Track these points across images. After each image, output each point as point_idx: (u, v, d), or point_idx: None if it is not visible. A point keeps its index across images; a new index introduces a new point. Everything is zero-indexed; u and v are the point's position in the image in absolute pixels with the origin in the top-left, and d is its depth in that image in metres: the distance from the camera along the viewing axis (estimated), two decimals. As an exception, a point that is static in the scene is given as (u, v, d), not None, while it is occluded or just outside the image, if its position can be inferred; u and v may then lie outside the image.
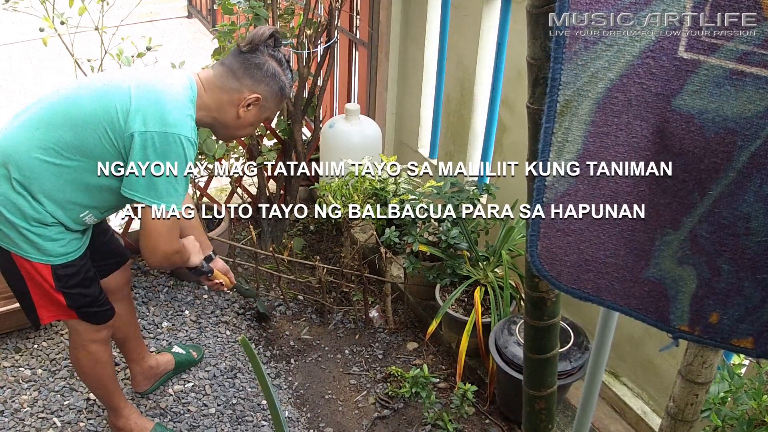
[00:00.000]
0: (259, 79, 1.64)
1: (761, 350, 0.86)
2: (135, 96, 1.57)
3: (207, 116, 1.68)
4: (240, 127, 1.72)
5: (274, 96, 1.68)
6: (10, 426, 2.17)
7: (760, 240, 0.80)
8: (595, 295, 0.94)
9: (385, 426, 2.24)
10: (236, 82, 1.64)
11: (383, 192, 2.51)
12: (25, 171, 1.59)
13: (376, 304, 2.71)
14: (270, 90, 1.66)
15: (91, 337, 1.89)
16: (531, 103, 1.01)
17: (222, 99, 1.66)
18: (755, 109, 0.76)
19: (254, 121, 1.71)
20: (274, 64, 1.65)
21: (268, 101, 1.68)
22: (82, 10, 2.49)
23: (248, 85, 1.64)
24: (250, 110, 1.67)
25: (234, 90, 1.64)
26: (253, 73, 1.64)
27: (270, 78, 1.65)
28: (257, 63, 1.63)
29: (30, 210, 1.61)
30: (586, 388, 1.31)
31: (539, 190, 0.92)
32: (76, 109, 1.59)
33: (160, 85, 1.60)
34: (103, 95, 1.59)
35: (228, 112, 1.67)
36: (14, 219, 1.62)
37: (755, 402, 1.37)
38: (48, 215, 1.63)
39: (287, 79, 1.70)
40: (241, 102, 1.65)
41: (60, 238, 1.68)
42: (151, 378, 2.28)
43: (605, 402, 2.25)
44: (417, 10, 2.89)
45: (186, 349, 2.42)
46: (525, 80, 1.02)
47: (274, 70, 1.65)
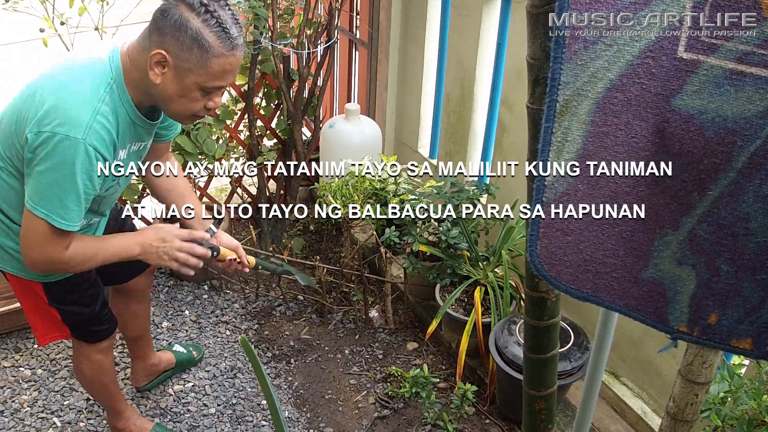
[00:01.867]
0: (163, 31, 1.31)
1: (760, 351, 0.86)
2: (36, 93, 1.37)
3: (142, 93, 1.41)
4: (168, 98, 1.38)
5: (187, 50, 1.30)
6: (10, 426, 2.17)
7: (760, 240, 0.80)
8: (594, 295, 0.94)
9: (385, 426, 2.24)
10: (147, 39, 1.34)
11: (383, 192, 2.51)
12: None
13: (376, 304, 2.71)
14: (178, 43, 1.30)
15: (94, 349, 1.85)
16: (531, 103, 1.01)
17: (140, 64, 1.36)
18: (755, 109, 0.76)
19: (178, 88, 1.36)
20: (183, 9, 1.30)
21: (182, 59, 1.31)
22: (82, 10, 2.49)
23: (155, 41, 1.32)
24: (165, 74, 1.34)
25: (144, 50, 1.35)
26: (158, 24, 1.31)
27: (175, 27, 1.29)
28: (162, 9, 1.31)
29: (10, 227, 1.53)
30: (586, 388, 1.31)
31: (539, 190, 0.92)
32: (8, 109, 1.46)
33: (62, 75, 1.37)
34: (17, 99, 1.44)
35: (147, 79, 1.36)
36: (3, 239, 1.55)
37: (755, 402, 1.36)
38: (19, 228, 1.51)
39: (209, 28, 1.30)
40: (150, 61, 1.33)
41: None
42: (151, 375, 2.28)
43: (605, 402, 2.25)
44: (417, 10, 2.89)
45: (187, 348, 2.42)
46: (525, 80, 1.02)
47: (182, 16, 1.29)
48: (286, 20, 2.94)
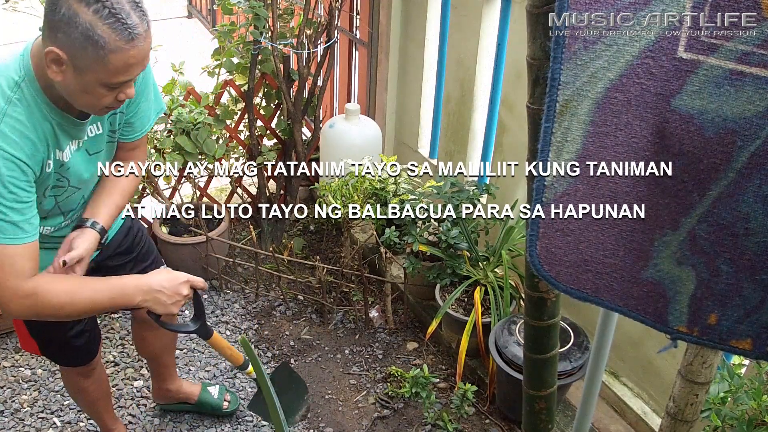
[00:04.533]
0: (54, 27, 1.15)
1: (760, 351, 0.86)
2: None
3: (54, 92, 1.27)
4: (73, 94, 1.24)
5: (80, 48, 1.15)
6: (10, 426, 2.17)
7: (759, 240, 0.80)
8: (593, 295, 0.94)
9: (385, 426, 2.24)
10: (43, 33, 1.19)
11: (383, 192, 2.51)
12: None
13: (376, 304, 2.71)
14: (69, 40, 1.14)
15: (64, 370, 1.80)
16: (531, 103, 1.01)
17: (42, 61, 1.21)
18: (755, 109, 0.76)
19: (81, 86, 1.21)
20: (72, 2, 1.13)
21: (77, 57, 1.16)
22: (82, 10, 2.49)
23: (49, 37, 1.17)
24: (64, 71, 1.19)
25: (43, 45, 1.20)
26: (48, 19, 1.16)
27: (65, 23, 1.13)
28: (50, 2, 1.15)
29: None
30: (586, 388, 1.31)
31: (539, 190, 0.92)
32: None
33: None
34: None
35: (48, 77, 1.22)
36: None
37: (755, 402, 1.36)
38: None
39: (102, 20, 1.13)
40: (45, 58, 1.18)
41: None
42: (166, 399, 2.22)
43: (605, 402, 2.25)
44: (417, 10, 2.89)
45: (221, 395, 2.24)
46: (525, 80, 1.02)
47: (68, 9, 1.12)
48: (286, 20, 2.94)
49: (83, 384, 1.84)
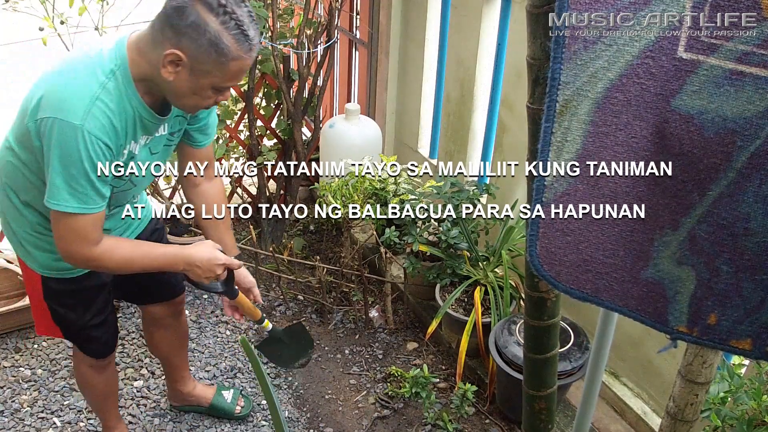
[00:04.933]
0: (179, 30, 1.24)
1: (760, 352, 0.86)
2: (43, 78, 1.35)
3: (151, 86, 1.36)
4: (180, 95, 1.35)
5: (204, 53, 1.26)
6: (10, 426, 2.17)
7: (759, 240, 0.80)
8: (593, 295, 0.94)
9: (385, 426, 2.24)
10: (160, 33, 1.27)
11: (383, 192, 2.51)
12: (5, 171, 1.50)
13: (376, 304, 2.71)
14: (195, 45, 1.25)
15: (80, 360, 1.81)
16: (531, 103, 1.01)
17: (150, 59, 1.31)
18: (755, 109, 0.76)
19: (192, 87, 1.32)
20: (201, 9, 1.23)
21: (198, 61, 1.27)
22: (82, 10, 2.49)
23: (169, 39, 1.26)
24: (179, 72, 1.29)
25: (157, 45, 1.28)
26: (173, 22, 1.25)
27: (192, 28, 1.23)
28: (177, 7, 1.24)
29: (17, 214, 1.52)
30: (586, 388, 1.31)
31: (539, 190, 0.92)
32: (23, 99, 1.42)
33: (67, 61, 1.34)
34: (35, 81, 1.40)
35: (158, 75, 1.31)
36: (9, 221, 1.54)
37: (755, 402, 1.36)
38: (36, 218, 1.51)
39: (228, 31, 1.25)
40: (162, 60, 1.28)
41: (54, 250, 1.48)
42: (180, 401, 2.22)
43: (605, 402, 2.25)
44: (417, 10, 2.89)
45: (235, 399, 2.24)
46: (525, 80, 1.02)
47: (198, 17, 1.23)
48: (286, 20, 2.94)
49: (94, 380, 1.86)
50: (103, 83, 1.31)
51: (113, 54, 1.33)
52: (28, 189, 1.48)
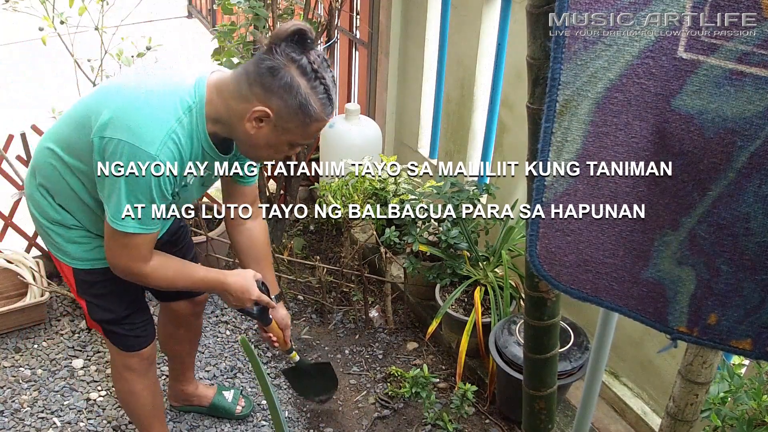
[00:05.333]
0: (270, 89, 1.31)
1: (760, 352, 0.85)
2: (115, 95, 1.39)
3: (222, 128, 1.41)
4: (256, 147, 1.41)
5: (292, 114, 1.32)
6: (10, 426, 2.17)
7: (759, 240, 0.80)
8: (593, 295, 0.94)
9: (385, 426, 2.24)
10: (247, 88, 1.33)
11: (383, 192, 2.51)
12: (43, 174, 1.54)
13: (376, 304, 2.71)
14: (284, 105, 1.31)
15: (122, 363, 1.77)
16: (531, 103, 1.01)
17: (232, 108, 1.37)
18: (755, 109, 0.76)
19: (271, 141, 1.38)
20: (294, 71, 1.29)
21: (284, 119, 1.33)
22: (82, 10, 2.49)
23: (258, 95, 1.32)
24: (262, 128, 1.35)
25: (243, 98, 1.34)
26: (264, 81, 1.30)
27: (284, 89, 1.30)
28: (271, 67, 1.29)
29: (50, 210, 1.55)
30: (586, 388, 1.31)
31: (539, 190, 0.92)
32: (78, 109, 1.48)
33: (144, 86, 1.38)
34: (96, 94, 1.46)
35: (238, 125, 1.37)
36: (39, 217, 1.58)
37: (755, 402, 1.36)
38: (69, 217, 1.55)
39: (316, 96, 1.32)
40: (246, 115, 1.34)
41: (84, 241, 1.57)
42: (182, 400, 2.22)
43: (605, 402, 2.25)
44: (417, 10, 2.89)
45: (235, 399, 2.24)
46: (525, 80, 1.02)
47: (292, 79, 1.29)
48: (286, 20, 2.94)
49: (137, 386, 1.81)
50: (179, 118, 1.35)
51: (193, 90, 1.37)
52: (67, 194, 1.52)
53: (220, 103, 1.38)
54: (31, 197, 1.58)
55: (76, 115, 1.47)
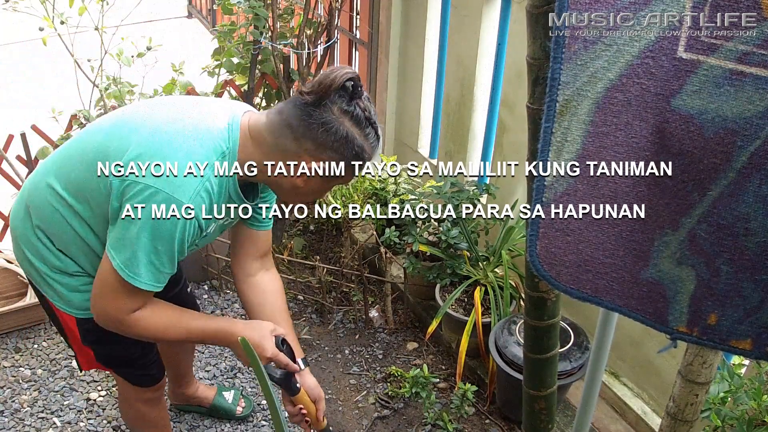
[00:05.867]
0: (324, 145, 1.22)
1: (760, 352, 0.86)
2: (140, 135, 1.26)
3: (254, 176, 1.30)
4: (301, 195, 1.34)
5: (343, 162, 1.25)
6: (10, 426, 2.17)
7: (759, 240, 0.80)
8: (593, 295, 0.94)
9: (385, 426, 2.24)
10: (294, 142, 1.24)
11: (383, 192, 2.51)
12: (41, 215, 1.38)
13: (376, 304, 2.71)
14: (338, 155, 1.24)
15: (135, 396, 1.68)
16: (531, 103, 1.01)
17: (274, 158, 1.27)
18: (755, 109, 0.76)
19: (320, 189, 1.32)
20: (348, 123, 1.22)
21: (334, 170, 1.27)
22: (82, 10, 2.49)
23: (309, 151, 1.23)
24: (312, 179, 1.27)
25: (290, 152, 1.25)
26: (317, 137, 1.22)
27: (340, 143, 1.22)
28: (323, 122, 1.21)
29: (50, 256, 1.40)
30: (586, 388, 1.31)
31: (539, 190, 0.92)
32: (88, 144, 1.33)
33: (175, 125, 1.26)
34: (113, 129, 1.31)
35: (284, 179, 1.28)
36: (36, 263, 1.41)
37: (755, 402, 1.36)
38: (71, 263, 1.40)
39: (369, 141, 1.25)
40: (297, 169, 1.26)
41: (86, 289, 1.40)
42: (182, 400, 2.20)
43: (605, 402, 2.25)
44: (417, 10, 2.89)
45: (236, 400, 2.22)
46: (525, 80, 1.02)
47: (347, 132, 1.22)
48: (286, 20, 2.94)
49: (151, 415, 1.73)
50: (213, 165, 1.24)
51: (226, 135, 1.27)
52: (69, 239, 1.38)
53: (255, 151, 1.28)
54: (26, 240, 1.41)
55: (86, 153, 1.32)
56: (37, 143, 2.51)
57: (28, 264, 1.44)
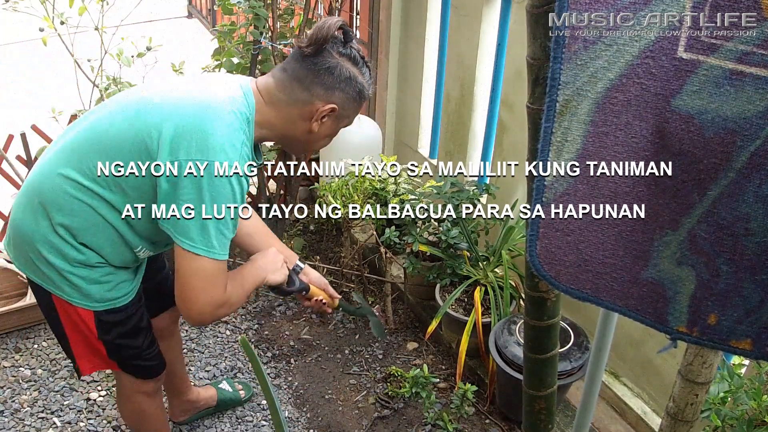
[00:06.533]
0: (332, 86, 1.39)
1: (760, 352, 0.85)
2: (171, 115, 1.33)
3: (271, 134, 1.45)
4: (314, 141, 1.48)
5: (352, 101, 1.43)
6: (10, 426, 2.17)
7: (759, 241, 0.80)
8: (593, 295, 0.94)
9: (385, 426, 2.24)
10: (305, 92, 1.39)
11: (383, 192, 2.51)
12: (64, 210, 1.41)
13: (376, 304, 2.71)
14: (346, 96, 1.41)
15: (136, 389, 1.74)
16: (531, 103, 1.01)
17: (290, 113, 1.41)
18: (755, 109, 0.76)
19: (331, 131, 1.47)
20: (348, 65, 1.39)
21: (346, 109, 1.43)
22: (82, 10, 2.49)
23: (320, 95, 1.39)
24: (325, 122, 1.43)
25: (304, 102, 1.40)
26: (324, 80, 1.38)
27: (345, 83, 1.39)
28: (328, 67, 1.37)
29: (71, 251, 1.44)
30: (586, 388, 1.31)
31: (539, 190, 0.92)
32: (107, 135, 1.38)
33: (201, 101, 1.35)
34: (135, 117, 1.37)
35: (299, 126, 1.43)
36: (55, 260, 1.44)
37: (755, 402, 1.36)
38: (93, 254, 1.45)
39: (365, 79, 1.43)
40: (313, 115, 1.41)
41: (107, 280, 1.49)
42: (188, 411, 2.19)
43: (605, 402, 2.25)
44: (417, 10, 2.89)
45: (233, 387, 2.28)
46: (525, 80, 1.02)
47: (349, 72, 1.39)
48: (286, 20, 2.94)
49: (151, 407, 1.80)
50: (245, 130, 1.37)
51: (245, 101, 1.39)
52: (96, 230, 1.43)
53: (271, 111, 1.42)
54: (43, 240, 1.43)
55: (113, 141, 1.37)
56: (37, 143, 2.51)
57: (44, 264, 1.46)
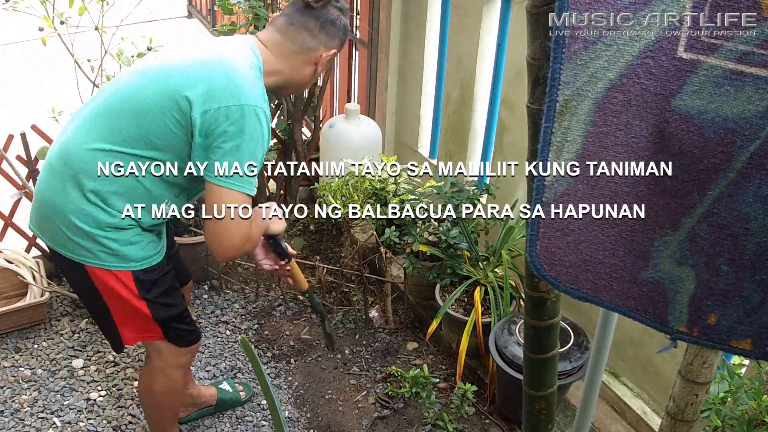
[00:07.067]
0: (334, 35, 1.64)
1: (760, 352, 0.85)
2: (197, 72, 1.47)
3: (278, 80, 1.64)
4: (309, 82, 1.72)
5: (341, 45, 1.70)
6: (10, 426, 2.17)
7: (759, 240, 0.80)
8: (593, 295, 0.94)
9: (385, 426, 2.24)
10: (314, 40, 1.62)
11: (383, 192, 2.51)
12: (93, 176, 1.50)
13: (376, 304, 2.71)
14: (340, 42, 1.68)
15: (174, 362, 1.79)
16: (531, 102, 1.01)
17: (296, 60, 1.63)
18: (755, 109, 0.76)
19: (322, 72, 1.72)
20: (342, 17, 1.66)
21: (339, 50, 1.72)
22: (82, 10, 2.49)
23: (325, 42, 1.63)
24: (324, 64, 1.68)
25: (311, 49, 1.62)
26: (329, 30, 1.63)
27: (342, 31, 1.66)
28: (332, 20, 1.63)
29: (104, 215, 1.53)
30: (586, 388, 1.31)
31: (539, 190, 0.92)
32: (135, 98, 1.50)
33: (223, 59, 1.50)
34: (161, 78, 1.49)
35: (302, 71, 1.65)
36: (89, 228, 1.53)
37: (755, 402, 1.36)
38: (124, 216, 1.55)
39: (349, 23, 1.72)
40: (318, 60, 1.64)
41: (138, 240, 1.59)
42: (189, 406, 2.19)
43: (605, 402, 2.25)
44: (417, 10, 2.89)
45: (234, 387, 2.28)
46: (525, 80, 1.02)
47: (345, 22, 1.66)
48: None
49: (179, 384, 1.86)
50: (260, 78, 1.55)
51: (253, 54, 1.57)
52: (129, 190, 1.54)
53: (278, 60, 1.61)
54: (76, 210, 1.53)
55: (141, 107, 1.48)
56: (37, 143, 2.50)
57: (78, 234, 1.54)
